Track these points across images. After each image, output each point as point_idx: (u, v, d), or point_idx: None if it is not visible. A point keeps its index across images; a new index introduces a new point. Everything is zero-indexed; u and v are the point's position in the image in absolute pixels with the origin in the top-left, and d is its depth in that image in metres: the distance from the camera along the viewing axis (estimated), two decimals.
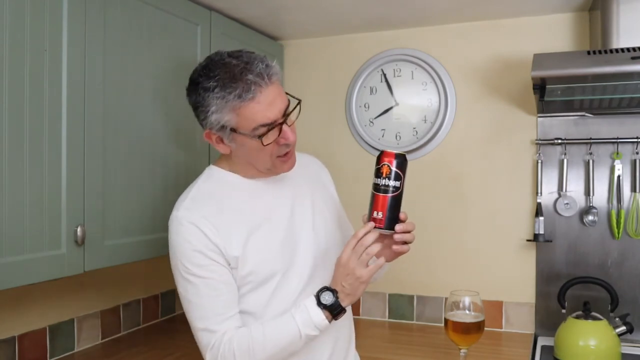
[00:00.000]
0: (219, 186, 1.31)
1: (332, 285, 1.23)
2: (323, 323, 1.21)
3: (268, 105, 1.19)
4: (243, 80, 1.17)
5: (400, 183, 1.23)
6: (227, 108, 1.18)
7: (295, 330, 1.21)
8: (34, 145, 1.32)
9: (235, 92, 1.17)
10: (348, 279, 1.21)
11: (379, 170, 1.23)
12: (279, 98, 1.21)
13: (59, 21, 1.37)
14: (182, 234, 1.23)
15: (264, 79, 1.18)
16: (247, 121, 1.19)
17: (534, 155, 2.18)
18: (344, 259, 1.21)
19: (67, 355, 1.86)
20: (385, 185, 1.23)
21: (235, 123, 1.20)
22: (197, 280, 1.23)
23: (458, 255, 2.29)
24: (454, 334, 1.53)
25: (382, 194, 1.23)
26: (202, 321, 1.23)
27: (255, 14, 2.10)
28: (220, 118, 1.20)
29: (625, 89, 1.75)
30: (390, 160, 1.23)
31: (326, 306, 1.21)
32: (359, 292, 1.23)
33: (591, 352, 1.76)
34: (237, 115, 1.19)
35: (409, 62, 2.34)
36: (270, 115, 1.19)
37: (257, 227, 1.28)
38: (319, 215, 1.39)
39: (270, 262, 1.28)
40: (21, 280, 1.29)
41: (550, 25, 2.16)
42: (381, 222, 1.22)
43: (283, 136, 1.23)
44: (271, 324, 1.23)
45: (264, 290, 1.27)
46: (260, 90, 1.18)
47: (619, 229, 2.04)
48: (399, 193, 1.23)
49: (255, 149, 1.23)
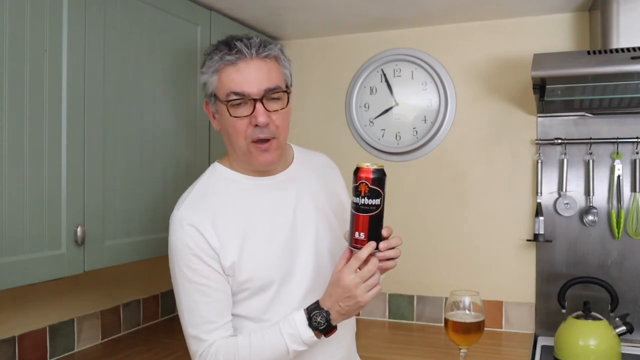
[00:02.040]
0: (221, 184, 1.30)
1: (326, 303, 1.18)
2: (312, 340, 1.19)
3: (246, 75, 1.21)
4: (232, 46, 1.21)
5: (380, 200, 1.16)
6: (212, 69, 1.23)
7: (282, 346, 1.19)
8: (34, 145, 1.32)
9: (221, 54, 1.22)
10: (348, 301, 1.16)
11: (357, 188, 1.16)
12: (264, 76, 1.22)
13: (59, 21, 1.37)
14: (181, 235, 1.23)
15: (250, 50, 1.21)
16: (223, 86, 1.22)
17: (534, 155, 2.18)
18: (346, 281, 1.15)
19: (67, 355, 1.86)
20: (365, 205, 1.15)
21: (215, 87, 1.24)
22: (191, 285, 1.22)
23: (458, 255, 2.29)
24: (454, 334, 1.53)
25: (362, 214, 1.16)
26: (193, 328, 1.23)
27: (255, 14, 2.10)
28: (207, 79, 1.25)
29: (625, 89, 1.75)
30: (368, 177, 1.15)
31: (318, 328, 1.18)
32: (354, 314, 1.21)
33: (591, 352, 1.76)
34: (218, 79, 1.23)
35: (409, 62, 2.34)
36: (245, 87, 1.20)
37: (256, 229, 1.26)
38: (324, 220, 1.35)
39: (267, 269, 1.25)
40: (21, 280, 1.29)
41: (550, 25, 2.16)
42: (363, 243, 1.17)
43: (254, 114, 1.21)
44: (259, 337, 1.21)
45: (263, 297, 1.26)
46: (244, 60, 1.21)
47: (619, 229, 2.04)
48: (379, 211, 1.16)
49: (230, 125, 1.24)
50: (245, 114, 1.22)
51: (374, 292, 1.17)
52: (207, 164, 1.89)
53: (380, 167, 1.17)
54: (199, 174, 1.37)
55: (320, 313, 1.18)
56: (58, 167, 1.38)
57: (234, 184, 1.30)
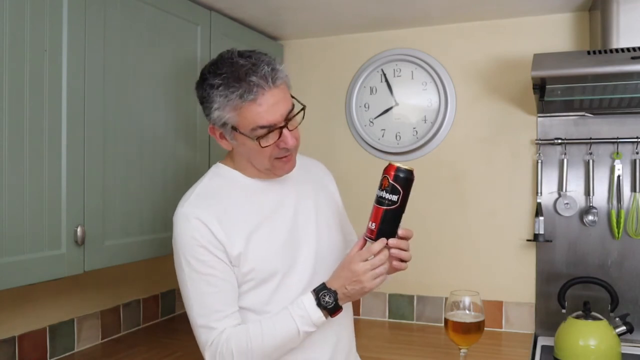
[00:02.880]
0: (224, 183, 1.33)
1: (333, 284, 1.24)
2: (320, 320, 1.24)
3: (269, 107, 1.21)
4: (246, 82, 1.19)
5: (398, 197, 1.22)
6: (229, 106, 1.21)
7: (293, 328, 1.23)
8: (34, 145, 1.32)
9: (237, 92, 1.19)
10: (354, 285, 1.23)
11: (381, 181, 1.23)
12: (282, 102, 1.23)
13: (59, 21, 1.37)
14: (187, 229, 1.25)
15: (267, 82, 1.20)
16: (247, 121, 1.21)
17: (534, 155, 2.18)
18: (356, 267, 1.22)
19: (67, 355, 1.86)
20: (382, 198, 1.22)
21: (236, 122, 1.23)
22: (198, 276, 1.24)
23: (458, 255, 2.29)
24: (454, 334, 1.53)
25: (379, 206, 1.23)
26: (201, 318, 1.24)
27: (255, 14, 2.10)
28: (222, 115, 1.23)
29: (625, 89, 1.75)
30: (390, 173, 1.22)
31: (326, 307, 1.23)
32: (358, 297, 1.28)
33: (591, 352, 1.76)
34: (238, 115, 1.21)
35: (409, 62, 2.34)
36: (270, 118, 1.21)
37: (260, 225, 1.29)
38: (322, 218, 1.40)
39: (271, 261, 1.29)
40: (21, 280, 1.29)
41: (550, 25, 2.16)
42: (372, 232, 1.23)
43: (283, 140, 1.24)
44: (269, 322, 1.24)
45: (265, 289, 1.28)
46: (262, 93, 1.20)
47: (619, 229, 2.04)
48: (395, 207, 1.22)
49: (254, 149, 1.25)
50: (274, 141, 1.24)
51: (380, 280, 1.25)
52: (207, 164, 1.90)
53: (409, 169, 1.24)
54: (199, 174, 1.37)
55: (329, 293, 1.23)
56: (58, 167, 1.38)
57: (237, 183, 1.33)
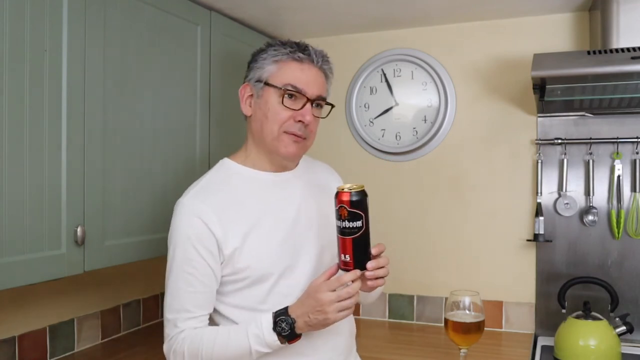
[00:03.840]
0: (228, 178, 1.35)
1: (296, 310, 1.20)
2: (275, 344, 1.20)
3: (308, 77, 1.31)
4: (303, 48, 1.32)
5: (362, 221, 1.18)
6: (274, 58, 1.31)
7: (245, 345, 1.21)
8: (34, 145, 1.32)
9: (289, 49, 1.31)
10: (317, 315, 1.18)
11: (338, 212, 1.18)
12: (320, 84, 1.33)
13: (59, 21, 1.37)
14: (184, 225, 1.26)
15: (318, 58, 1.32)
16: (284, 76, 1.30)
17: (534, 155, 2.18)
18: (322, 296, 1.17)
19: (67, 355, 1.86)
20: (347, 228, 1.18)
21: (271, 73, 1.31)
22: (181, 270, 1.26)
23: (458, 255, 2.29)
24: (454, 334, 1.53)
25: (346, 237, 1.18)
26: (171, 313, 1.27)
27: (255, 14, 2.10)
28: (262, 66, 1.32)
29: (625, 89, 1.75)
30: (346, 200, 1.17)
31: (281, 334, 1.20)
32: (320, 328, 1.22)
33: (591, 352, 1.76)
34: (279, 69, 1.31)
35: (409, 62, 2.34)
36: (304, 85, 1.29)
37: (259, 222, 1.30)
38: (325, 222, 1.38)
39: (266, 261, 1.29)
40: (21, 280, 1.29)
41: (550, 25, 2.16)
42: (350, 264, 1.19)
43: (302, 112, 1.29)
44: (224, 332, 1.24)
45: (260, 288, 1.28)
46: (309, 63, 1.31)
47: (619, 229, 2.04)
48: (362, 232, 1.18)
49: (272, 110, 1.30)
50: (295, 108, 1.29)
51: (345, 314, 1.19)
52: (207, 164, 1.90)
53: (359, 189, 1.18)
54: (199, 173, 1.37)
55: (286, 319, 1.20)
56: (58, 167, 1.38)
57: (241, 177, 1.35)
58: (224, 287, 1.30)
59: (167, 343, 1.28)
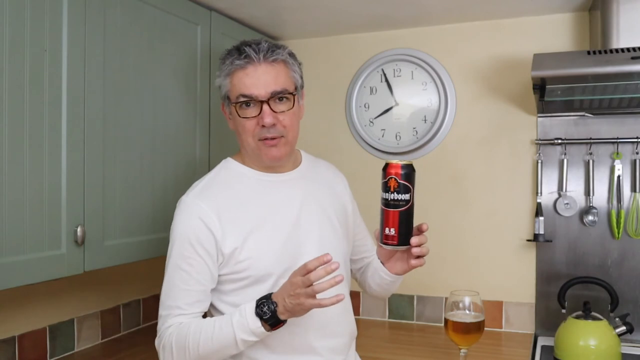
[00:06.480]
0: (231, 177, 1.36)
1: (277, 295, 1.18)
2: (259, 331, 1.18)
3: (253, 80, 1.28)
4: (241, 51, 1.30)
5: (410, 195, 1.17)
6: (224, 72, 1.32)
7: (230, 334, 1.20)
8: (34, 145, 1.32)
9: (232, 58, 1.30)
10: (292, 299, 1.15)
11: (386, 184, 1.17)
12: (271, 79, 1.28)
13: (59, 21, 1.37)
14: (184, 225, 1.27)
15: (258, 55, 1.28)
16: (234, 88, 1.31)
17: (534, 155, 2.18)
18: (293, 280, 1.15)
19: (67, 355, 1.86)
20: (395, 200, 1.16)
21: (228, 89, 1.33)
22: (177, 267, 1.27)
23: (458, 255, 2.29)
24: (454, 334, 1.53)
25: (392, 209, 1.17)
26: (164, 309, 1.29)
27: (255, 14, 2.10)
28: (221, 82, 1.34)
29: (625, 89, 1.75)
30: (397, 172, 1.16)
31: (262, 317, 1.18)
32: (300, 314, 1.18)
33: (591, 352, 1.76)
34: (230, 83, 1.32)
35: (409, 62, 2.34)
36: (253, 90, 1.28)
37: (261, 222, 1.30)
38: (327, 223, 1.39)
39: (266, 262, 1.29)
40: (21, 280, 1.29)
41: (550, 25, 2.16)
42: (394, 238, 1.17)
43: (261, 115, 1.28)
44: (209, 324, 1.23)
45: (260, 288, 1.28)
46: (253, 64, 1.28)
47: (619, 229, 2.04)
48: (409, 206, 1.17)
49: (240, 125, 1.31)
50: (253, 115, 1.29)
51: (316, 302, 1.13)
52: (208, 164, 1.90)
53: (410, 163, 1.19)
54: (199, 173, 1.38)
55: (267, 303, 1.18)
56: (58, 167, 1.38)
57: (244, 177, 1.36)
58: (224, 286, 1.31)
59: (158, 337, 1.30)
